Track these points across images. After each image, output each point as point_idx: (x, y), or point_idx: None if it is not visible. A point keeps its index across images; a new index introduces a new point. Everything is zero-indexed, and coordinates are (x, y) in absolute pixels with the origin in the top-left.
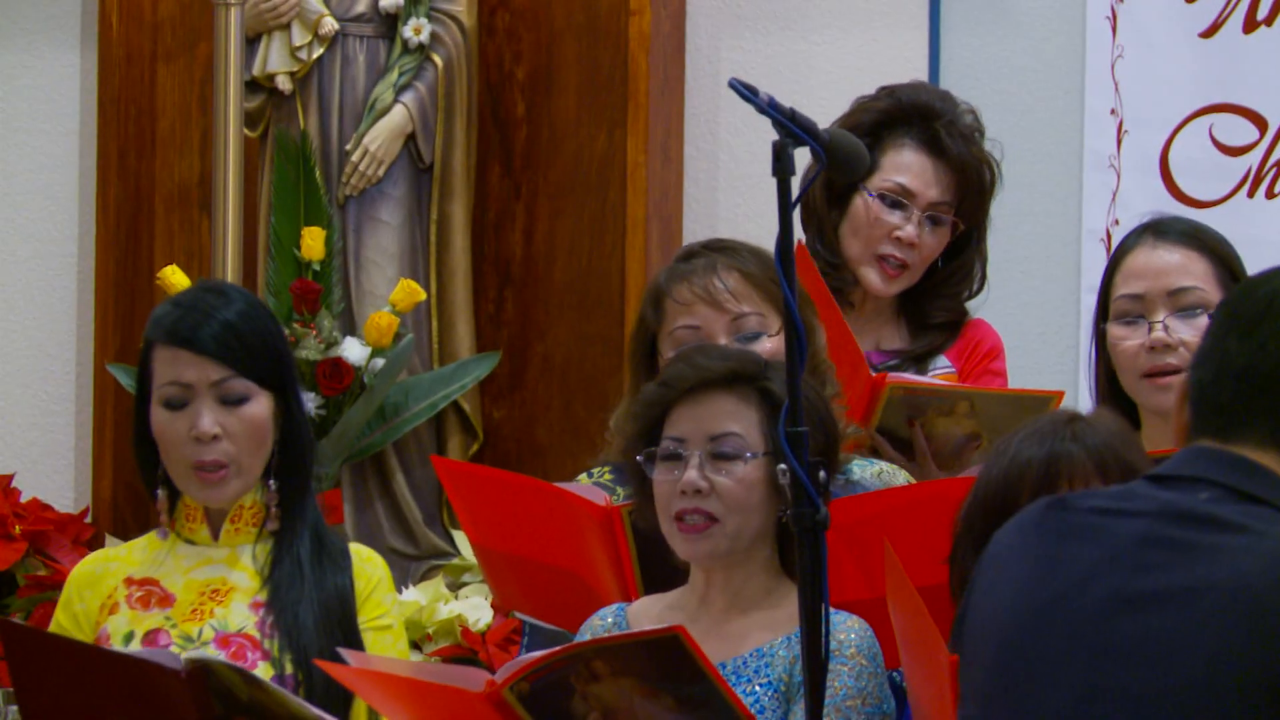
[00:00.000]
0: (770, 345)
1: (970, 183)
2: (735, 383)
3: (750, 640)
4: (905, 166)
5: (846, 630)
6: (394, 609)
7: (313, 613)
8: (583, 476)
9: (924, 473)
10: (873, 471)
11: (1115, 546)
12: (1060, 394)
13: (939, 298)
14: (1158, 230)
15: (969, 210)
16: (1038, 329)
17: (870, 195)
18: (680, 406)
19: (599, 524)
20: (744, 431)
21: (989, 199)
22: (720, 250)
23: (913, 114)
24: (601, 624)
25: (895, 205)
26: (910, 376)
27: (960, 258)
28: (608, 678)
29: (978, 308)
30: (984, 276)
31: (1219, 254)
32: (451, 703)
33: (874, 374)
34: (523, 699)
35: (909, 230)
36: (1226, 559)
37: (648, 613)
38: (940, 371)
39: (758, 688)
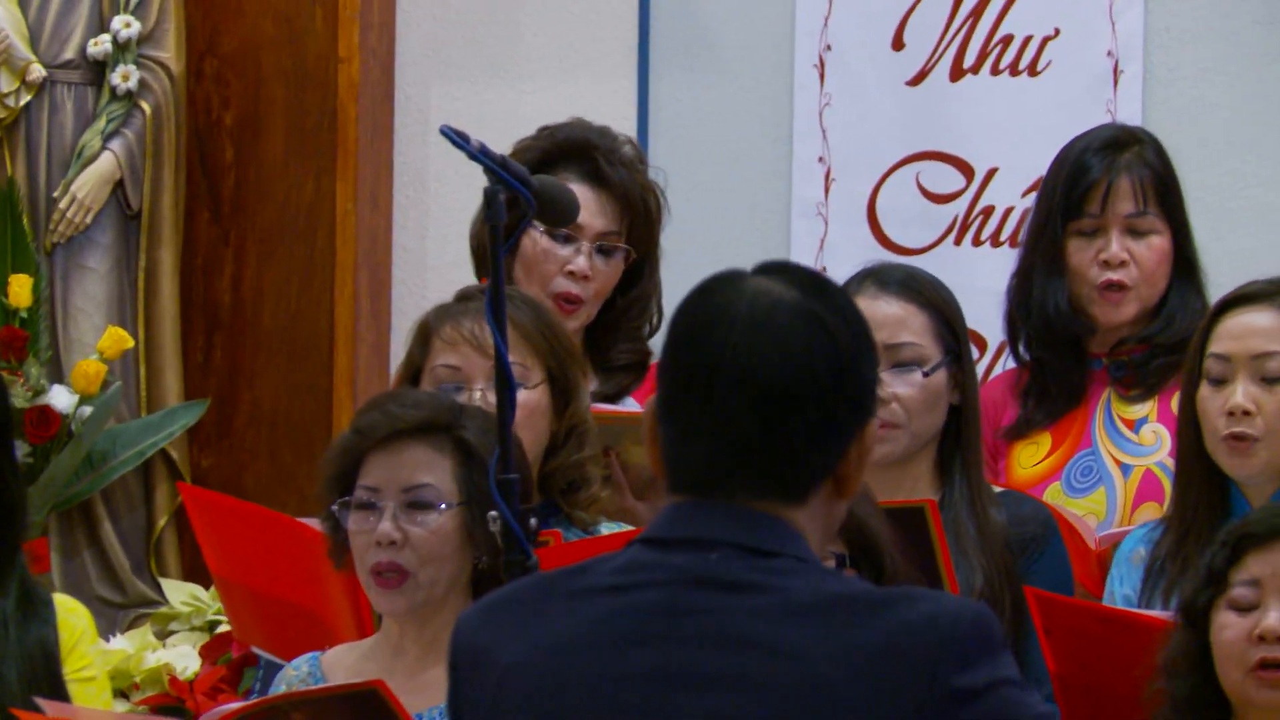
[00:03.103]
0: (525, 396)
1: (636, 210)
2: (429, 431)
3: (444, 690)
4: None
5: None
6: (98, 660)
7: (16, 667)
8: None
9: (621, 504)
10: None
11: (639, 620)
12: None
13: (621, 337)
14: (879, 280)
15: (638, 238)
16: None
17: (538, 232)
18: (374, 455)
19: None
20: (438, 481)
21: (657, 227)
22: None
23: (571, 149)
24: (295, 674)
25: (563, 239)
26: (606, 406)
27: (636, 289)
28: None
29: None
30: (660, 310)
31: (937, 306)
32: None
33: None
34: None
35: (580, 263)
36: (760, 624)
37: (342, 662)
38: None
39: None
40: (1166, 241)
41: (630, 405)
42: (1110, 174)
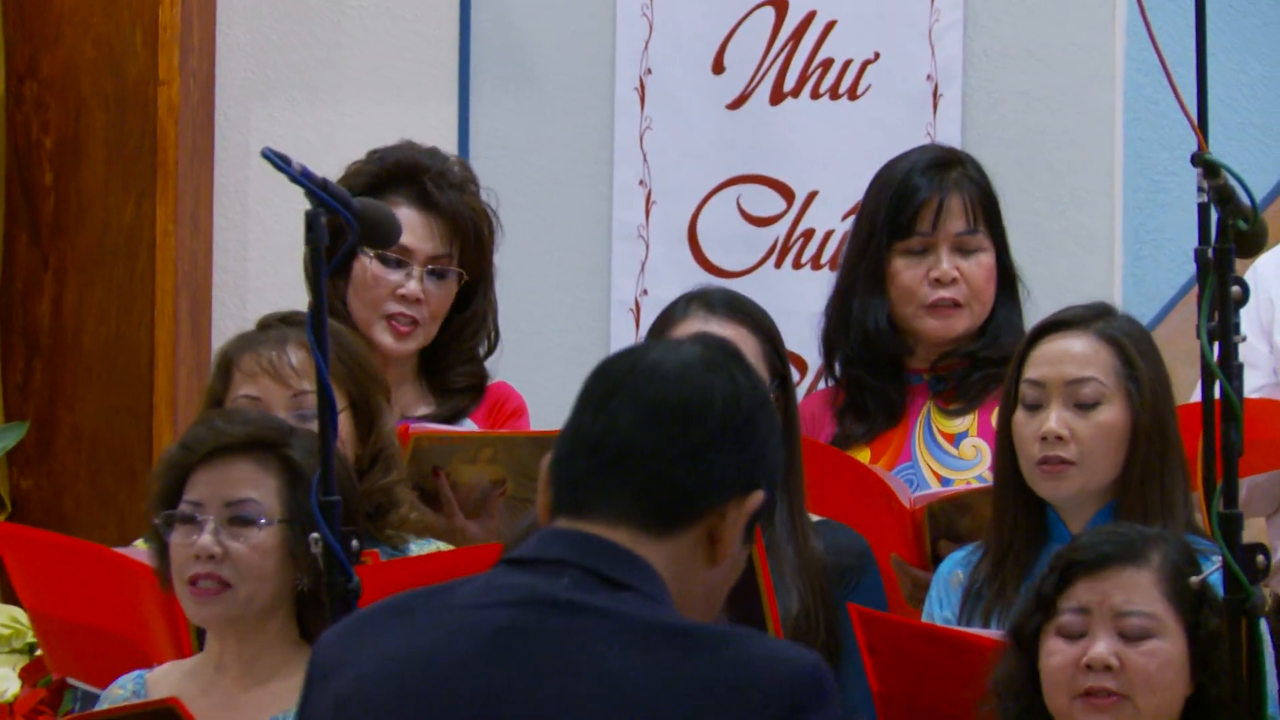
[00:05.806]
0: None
1: (467, 231)
2: (255, 448)
3: (266, 710)
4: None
5: None
6: None
7: None
8: None
9: (451, 523)
10: (431, 550)
11: (482, 640)
12: None
13: (456, 359)
14: (707, 303)
15: (470, 260)
16: (569, 399)
17: (368, 257)
18: (200, 470)
19: (154, 587)
20: (261, 498)
21: (489, 247)
22: (295, 324)
23: (400, 173)
24: (121, 693)
25: (394, 264)
26: (434, 426)
27: (470, 308)
28: None
29: (498, 374)
30: (496, 330)
31: (764, 329)
32: None
33: (398, 425)
34: None
35: (412, 287)
36: (597, 650)
37: (166, 680)
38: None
39: None
40: (992, 259)
41: (467, 426)
42: (940, 193)
